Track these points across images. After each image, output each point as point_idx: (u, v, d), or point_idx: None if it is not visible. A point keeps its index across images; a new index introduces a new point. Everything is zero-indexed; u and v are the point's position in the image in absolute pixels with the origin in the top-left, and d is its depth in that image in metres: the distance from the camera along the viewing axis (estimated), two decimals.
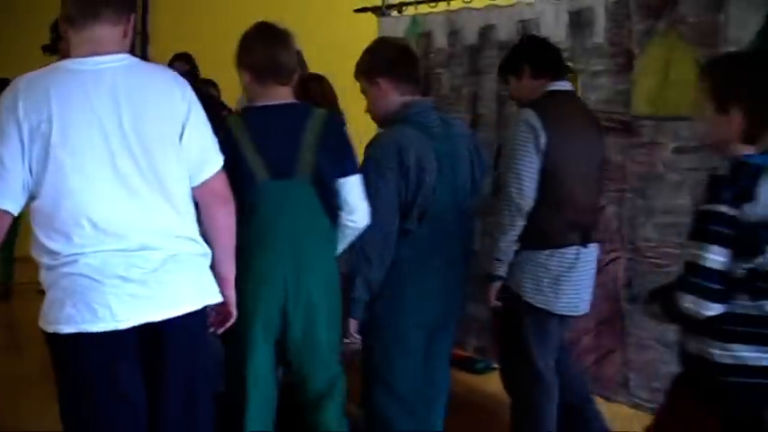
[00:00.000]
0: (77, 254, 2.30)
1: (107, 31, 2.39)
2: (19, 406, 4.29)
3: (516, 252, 3.36)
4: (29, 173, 2.29)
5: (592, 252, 3.46)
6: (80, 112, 2.30)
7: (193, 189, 2.49)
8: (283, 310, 2.93)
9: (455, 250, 3.20)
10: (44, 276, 2.37)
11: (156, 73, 2.52)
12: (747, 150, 2.31)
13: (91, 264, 2.30)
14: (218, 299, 2.56)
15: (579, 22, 4.07)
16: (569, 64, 4.01)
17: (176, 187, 2.43)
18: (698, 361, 2.37)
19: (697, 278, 2.25)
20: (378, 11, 5.42)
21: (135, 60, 2.46)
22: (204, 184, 2.50)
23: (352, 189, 2.97)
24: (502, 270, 3.38)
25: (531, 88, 3.47)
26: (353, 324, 3.10)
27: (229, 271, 2.64)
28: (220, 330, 2.73)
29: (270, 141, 2.93)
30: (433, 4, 5.00)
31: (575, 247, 3.37)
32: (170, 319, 2.37)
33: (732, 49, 3.42)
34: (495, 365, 4.57)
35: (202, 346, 2.54)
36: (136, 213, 2.35)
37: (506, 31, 4.45)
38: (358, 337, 3.14)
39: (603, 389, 4.03)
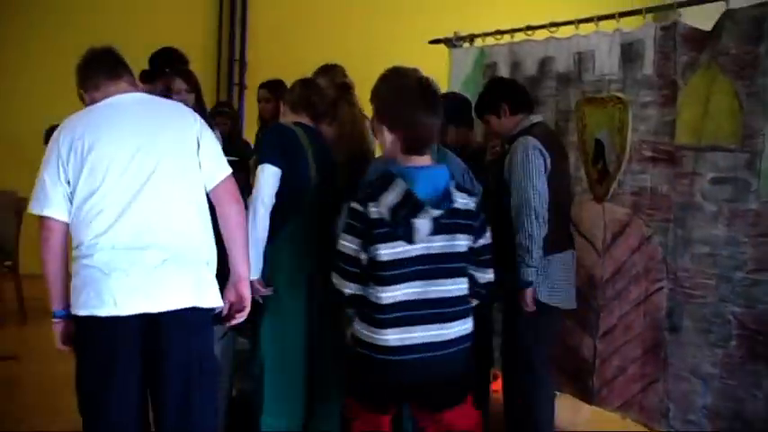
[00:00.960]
0: (93, 245, 2.74)
1: (127, 78, 3.01)
2: None
3: None
4: (67, 184, 2.78)
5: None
6: (106, 128, 2.81)
7: (209, 193, 2.91)
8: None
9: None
10: (72, 267, 2.82)
11: (168, 102, 3.10)
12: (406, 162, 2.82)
13: (102, 259, 2.73)
14: (214, 303, 2.89)
15: (630, 53, 4.12)
16: (620, 95, 4.10)
17: (189, 195, 2.86)
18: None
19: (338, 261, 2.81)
20: (449, 42, 5.60)
21: (146, 95, 3.06)
22: (217, 186, 2.93)
23: None
24: (534, 276, 3.69)
25: (512, 123, 3.94)
26: None
27: (243, 270, 3.00)
28: (233, 323, 3.05)
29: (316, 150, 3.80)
30: (498, 36, 5.14)
31: (570, 251, 3.93)
32: (168, 312, 2.75)
33: None
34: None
35: (200, 339, 2.87)
36: (145, 216, 2.77)
37: (564, 63, 4.54)
38: None
39: (647, 418, 4.05)
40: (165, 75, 4.57)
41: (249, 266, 3.04)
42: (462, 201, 2.85)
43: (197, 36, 8.48)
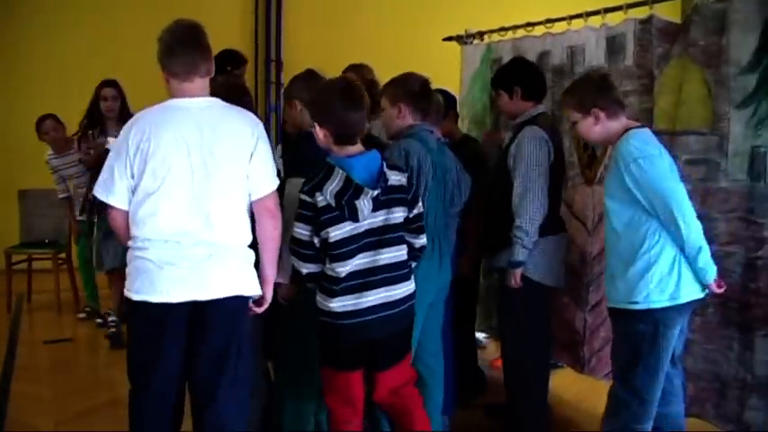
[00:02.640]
0: (149, 240, 3.06)
1: (200, 81, 3.16)
2: None
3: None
4: (131, 178, 3.08)
5: None
6: (170, 134, 3.06)
7: (252, 203, 3.23)
8: None
9: (444, 246, 3.87)
10: (128, 256, 3.16)
11: (233, 111, 3.24)
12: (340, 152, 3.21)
13: (155, 253, 3.05)
14: (251, 291, 3.23)
15: (614, 46, 4.44)
16: None
17: (236, 201, 3.17)
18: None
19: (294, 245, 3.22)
20: (460, 39, 5.96)
21: (216, 101, 3.21)
22: (260, 200, 3.21)
23: None
24: (525, 257, 3.98)
25: (520, 108, 4.22)
26: None
27: (270, 274, 3.33)
28: (258, 311, 3.37)
29: None
30: (502, 33, 5.48)
31: (561, 234, 4.17)
32: (212, 300, 3.10)
33: (733, 69, 3.75)
34: (560, 364, 5.01)
35: (240, 324, 3.22)
36: (198, 217, 3.07)
37: (559, 57, 4.87)
38: None
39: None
40: (227, 73, 5.24)
41: (275, 271, 3.35)
42: (395, 178, 3.27)
43: (234, 36, 8.86)
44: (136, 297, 3.09)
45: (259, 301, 3.34)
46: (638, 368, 3.41)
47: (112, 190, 3.10)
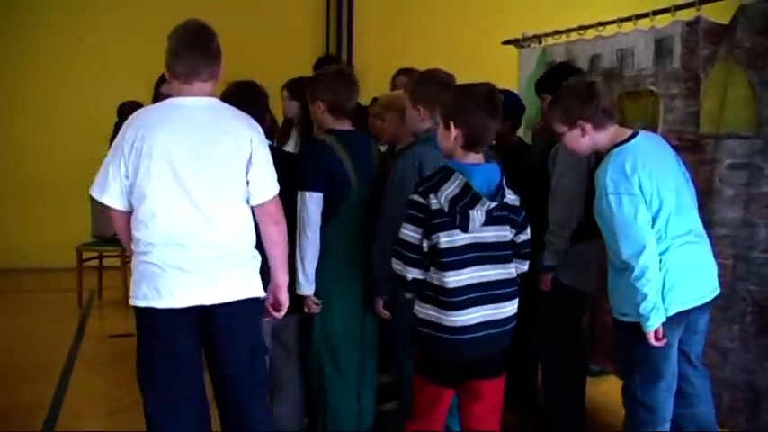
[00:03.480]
0: (150, 243, 3.03)
1: (199, 84, 3.12)
2: None
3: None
4: (125, 178, 3.04)
5: None
6: (165, 134, 3.03)
7: (253, 208, 3.20)
8: None
9: None
10: (132, 262, 3.15)
11: (230, 112, 3.20)
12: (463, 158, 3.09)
13: (159, 255, 3.02)
14: (257, 293, 3.22)
15: (662, 49, 4.36)
16: (652, 88, 4.35)
17: (236, 203, 3.14)
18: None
19: (401, 248, 3.07)
20: (518, 43, 5.94)
21: (215, 101, 3.19)
22: (261, 206, 3.18)
23: None
24: (556, 260, 3.98)
25: None
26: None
27: (281, 279, 3.35)
28: (278, 316, 3.44)
29: (356, 157, 3.80)
30: (557, 36, 5.45)
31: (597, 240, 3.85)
32: (220, 304, 3.09)
33: None
34: (606, 370, 4.94)
35: (250, 327, 3.22)
36: (199, 219, 3.04)
37: (609, 60, 4.82)
38: None
39: None
40: None
41: (286, 276, 3.35)
42: (511, 197, 3.15)
43: (306, 40, 9.13)
44: (141, 303, 3.05)
45: (276, 305, 3.37)
46: (636, 378, 3.38)
47: (106, 189, 3.06)
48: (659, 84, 4.36)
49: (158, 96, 6.26)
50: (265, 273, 3.29)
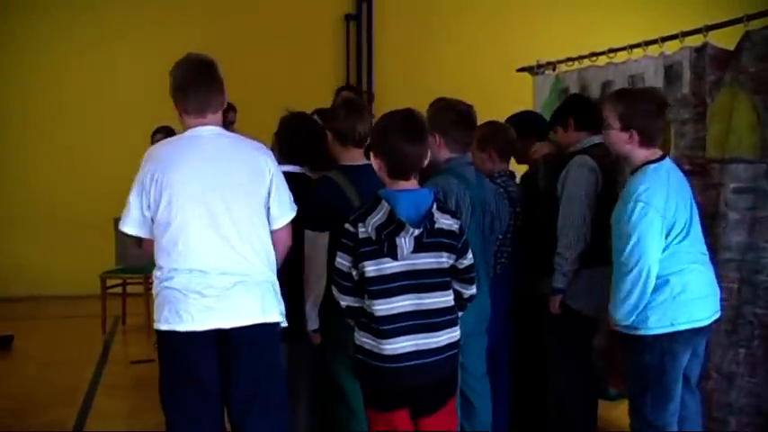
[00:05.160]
0: (173, 270, 3.12)
1: (212, 116, 3.25)
2: None
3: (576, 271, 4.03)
4: (147, 208, 3.15)
5: None
6: (185, 165, 3.14)
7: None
8: None
9: (481, 271, 3.70)
10: (154, 287, 3.22)
11: (243, 141, 3.33)
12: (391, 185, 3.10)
13: (180, 281, 3.12)
14: (277, 319, 3.28)
15: (671, 75, 4.40)
16: None
17: (256, 229, 3.22)
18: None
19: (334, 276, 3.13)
20: (532, 70, 6.01)
21: (224, 131, 3.28)
22: (274, 232, 3.29)
23: None
24: (564, 283, 4.01)
25: (573, 138, 4.19)
26: None
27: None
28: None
29: (366, 193, 3.68)
30: (569, 63, 5.51)
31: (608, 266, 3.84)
32: (239, 327, 3.14)
33: None
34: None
35: (268, 350, 3.26)
36: (218, 245, 3.13)
37: (620, 85, 4.84)
38: None
39: None
40: None
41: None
42: (446, 222, 3.08)
43: (326, 68, 9.27)
44: (163, 327, 3.14)
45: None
46: (648, 399, 3.41)
47: (127, 220, 3.19)
48: (670, 109, 4.37)
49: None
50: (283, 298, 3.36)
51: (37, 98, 8.83)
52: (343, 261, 3.09)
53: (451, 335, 3.12)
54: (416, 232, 2.99)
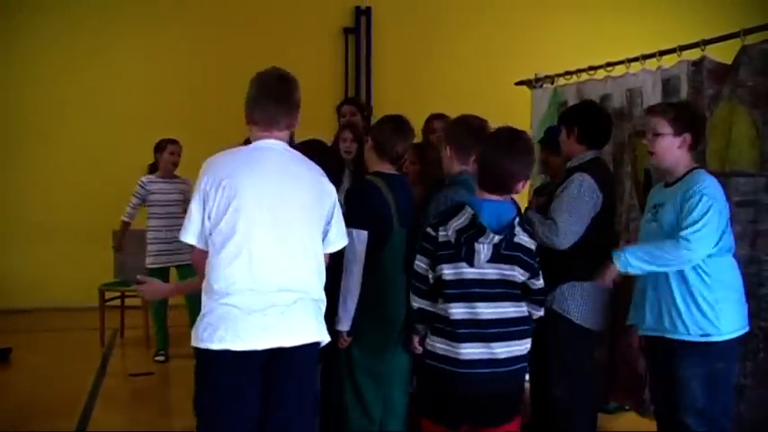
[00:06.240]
0: (231, 286, 3.00)
1: (277, 133, 3.21)
2: None
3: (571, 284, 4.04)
4: (208, 218, 3.06)
5: None
6: (252, 177, 3.08)
7: None
8: None
9: None
10: (205, 303, 3.07)
11: (307, 162, 3.28)
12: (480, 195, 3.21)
13: (242, 300, 3.01)
14: (325, 338, 3.22)
15: (669, 89, 4.43)
16: None
17: (315, 248, 3.18)
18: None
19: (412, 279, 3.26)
20: (530, 83, 6.04)
21: (289, 148, 3.24)
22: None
23: None
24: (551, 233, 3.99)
25: (574, 149, 4.19)
26: None
27: None
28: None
29: (399, 199, 3.98)
30: (568, 77, 5.54)
31: None
32: (296, 346, 3.07)
33: None
34: (627, 407, 4.96)
35: (313, 368, 3.27)
36: (283, 258, 3.07)
37: (618, 99, 4.88)
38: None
39: None
40: None
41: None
42: (525, 238, 3.17)
43: (325, 82, 9.27)
44: (216, 346, 3.00)
45: None
46: (706, 415, 3.50)
47: (188, 231, 3.10)
48: None
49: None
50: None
51: (36, 111, 8.85)
52: (420, 264, 3.23)
53: (525, 346, 3.21)
54: (496, 239, 3.07)
